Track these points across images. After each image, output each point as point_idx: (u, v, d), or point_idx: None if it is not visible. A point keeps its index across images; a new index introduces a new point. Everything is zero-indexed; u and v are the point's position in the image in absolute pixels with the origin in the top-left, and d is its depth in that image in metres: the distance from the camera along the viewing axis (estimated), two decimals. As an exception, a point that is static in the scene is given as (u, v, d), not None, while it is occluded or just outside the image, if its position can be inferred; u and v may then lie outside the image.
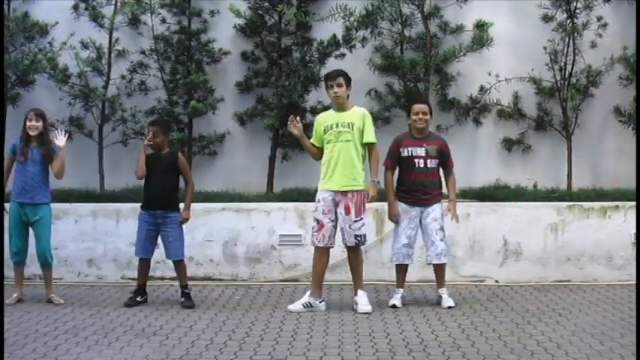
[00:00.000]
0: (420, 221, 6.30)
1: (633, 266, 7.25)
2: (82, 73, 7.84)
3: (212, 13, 8.15)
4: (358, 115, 6.16)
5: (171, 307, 6.33)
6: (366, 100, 8.17)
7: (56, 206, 7.45)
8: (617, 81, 8.11)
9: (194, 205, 7.41)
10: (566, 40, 7.96)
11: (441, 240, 6.28)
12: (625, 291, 6.92)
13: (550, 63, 7.98)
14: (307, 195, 7.69)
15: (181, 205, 6.42)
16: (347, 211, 6.05)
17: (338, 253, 7.34)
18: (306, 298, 6.18)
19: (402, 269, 6.39)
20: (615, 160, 8.27)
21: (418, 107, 6.32)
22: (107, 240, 7.45)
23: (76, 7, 8.01)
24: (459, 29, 8.09)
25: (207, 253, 7.41)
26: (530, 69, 8.07)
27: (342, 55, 7.88)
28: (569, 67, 7.97)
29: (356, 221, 6.07)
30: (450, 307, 6.18)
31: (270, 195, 7.85)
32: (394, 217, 6.35)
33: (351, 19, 7.70)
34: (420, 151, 6.28)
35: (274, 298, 6.64)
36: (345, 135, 6.07)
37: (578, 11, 7.96)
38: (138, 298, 6.40)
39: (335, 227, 6.13)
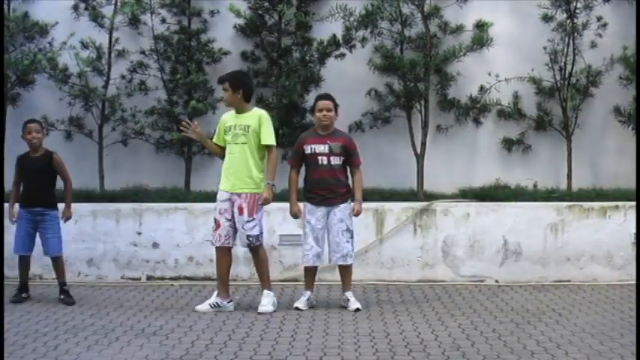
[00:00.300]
0: (327, 221, 6.23)
1: (633, 266, 7.25)
2: (82, 73, 7.84)
3: (212, 13, 8.15)
4: (255, 117, 6.15)
5: (171, 307, 6.33)
6: (366, 100, 8.18)
7: (56, 206, 7.50)
8: (617, 81, 8.11)
9: (194, 205, 7.44)
10: (566, 40, 7.96)
11: (347, 241, 6.20)
12: (625, 291, 6.92)
13: (550, 63, 7.98)
14: (307, 195, 7.70)
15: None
16: (240, 211, 6.07)
17: (338, 253, 7.35)
18: (213, 298, 6.19)
19: (310, 271, 6.32)
20: (615, 160, 8.27)
21: (322, 104, 6.21)
22: (107, 240, 7.45)
23: (76, 7, 8.01)
24: (459, 29, 8.09)
25: (207, 253, 7.38)
26: (530, 69, 8.07)
27: (342, 55, 7.89)
28: (569, 67, 7.97)
29: (248, 222, 6.07)
30: (357, 310, 6.08)
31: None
32: (294, 216, 6.35)
33: (351, 19, 7.70)
34: (323, 149, 6.15)
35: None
36: (241, 137, 6.09)
37: (578, 11, 7.96)
38: (23, 295, 6.54)
39: (232, 227, 6.13)
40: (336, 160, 6.19)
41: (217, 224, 6.14)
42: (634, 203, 7.26)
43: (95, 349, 5.01)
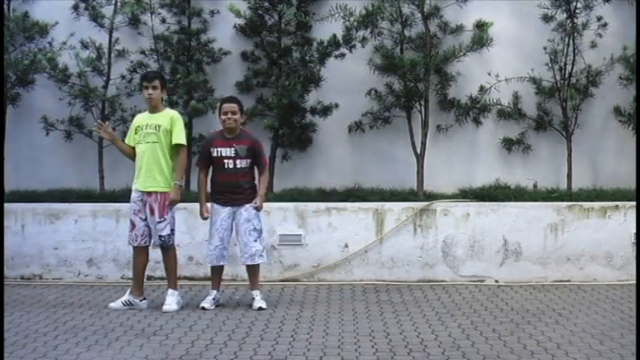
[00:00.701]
0: (234, 222, 6.28)
1: (633, 266, 7.25)
2: (82, 73, 7.84)
3: (212, 13, 8.15)
4: (167, 117, 6.21)
5: (171, 307, 6.33)
6: (366, 100, 8.18)
7: (56, 206, 7.50)
8: (617, 81, 8.11)
9: (194, 205, 7.42)
10: (566, 40, 7.96)
11: (255, 241, 6.23)
12: (625, 291, 6.92)
13: (550, 63, 7.98)
14: (307, 195, 7.71)
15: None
16: (151, 211, 6.15)
17: (337, 254, 7.36)
18: (126, 296, 6.25)
19: (216, 270, 6.36)
20: (615, 160, 8.28)
21: (227, 107, 6.22)
22: (107, 240, 7.45)
23: (76, 7, 8.02)
24: (459, 29, 8.09)
25: (207, 253, 7.40)
26: (530, 69, 8.07)
27: (342, 55, 7.88)
28: (569, 67, 7.97)
29: (159, 222, 6.14)
30: (260, 309, 6.13)
31: (270, 195, 7.84)
32: (203, 218, 6.39)
33: (351, 19, 7.70)
34: (229, 152, 6.19)
35: (274, 298, 6.64)
36: (152, 136, 6.14)
37: (578, 11, 7.96)
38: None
39: (148, 226, 6.20)
40: (242, 164, 6.23)
41: (133, 225, 6.22)
42: (634, 203, 7.27)
43: (95, 349, 5.01)
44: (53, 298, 6.65)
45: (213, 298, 6.30)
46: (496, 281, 7.33)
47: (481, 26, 7.96)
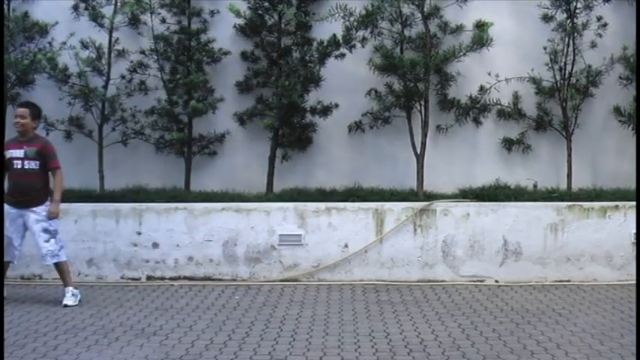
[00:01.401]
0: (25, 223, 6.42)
1: (633, 266, 7.26)
2: (81, 73, 7.84)
3: (212, 13, 8.15)
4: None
5: (171, 307, 6.33)
6: (366, 100, 8.18)
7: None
8: (617, 81, 8.11)
9: (194, 205, 7.44)
10: (566, 40, 7.96)
11: (46, 242, 6.35)
12: (625, 291, 6.92)
13: (550, 63, 7.97)
14: (307, 195, 7.71)
15: None
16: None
17: (337, 254, 7.36)
18: None
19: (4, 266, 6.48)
20: (615, 160, 8.27)
21: (17, 111, 6.47)
22: (107, 240, 7.45)
23: (75, 7, 8.01)
24: (459, 29, 8.08)
25: (207, 253, 7.40)
26: (530, 69, 8.07)
27: (342, 55, 7.88)
28: (569, 67, 7.97)
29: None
30: (65, 306, 6.28)
31: (269, 195, 7.85)
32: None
33: (351, 19, 7.69)
34: (19, 153, 6.36)
35: (274, 298, 6.64)
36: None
37: (578, 11, 7.95)
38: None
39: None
40: (30, 165, 6.37)
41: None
42: (634, 203, 7.27)
43: (95, 349, 5.01)
44: (53, 298, 6.65)
45: None
46: (496, 281, 7.33)
47: (481, 26, 7.96)
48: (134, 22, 8.09)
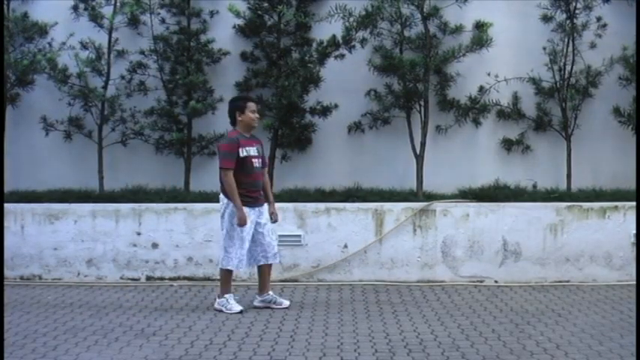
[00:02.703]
0: None
1: (633, 266, 7.26)
2: (81, 74, 7.84)
3: (211, 13, 8.15)
4: None
5: (171, 307, 6.33)
6: (366, 101, 8.18)
7: (55, 206, 7.50)
8: (616, 81, 8.11)
9: (193, 205, 7.43)
10: (566, 40, 7.96)
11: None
12: (624, 291, 6.92)
13: (549, 63, 7.97)
14: (307, 195, 7.71)
15: None
16: None
17: (337, 254, 7.36)
18: None
19: None
20: (615, 160, 8.27)
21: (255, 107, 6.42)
22: (106, 240, 7.45)
23: (75, 8, 8.01)
24: (459, 29, 8.07)
25: (207, 253, 7.40)
26: (530, 69, 8.07)
27: (342, 56, 7.88)
28: (568, 68, 7.97)
29: None
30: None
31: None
32: None
33: (351, 19, 7.69)
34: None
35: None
36: None
37: (577, 11, 7.96)
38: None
39: None
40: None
41: None
42: (633, 204, 7.27)
43: (95, 350, 5.01)
44: (53, 298, 6.65)
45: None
46: (495, 282, 7.33)
47: (481, 26, 7.95)
48: (134, 23, 8.09)
